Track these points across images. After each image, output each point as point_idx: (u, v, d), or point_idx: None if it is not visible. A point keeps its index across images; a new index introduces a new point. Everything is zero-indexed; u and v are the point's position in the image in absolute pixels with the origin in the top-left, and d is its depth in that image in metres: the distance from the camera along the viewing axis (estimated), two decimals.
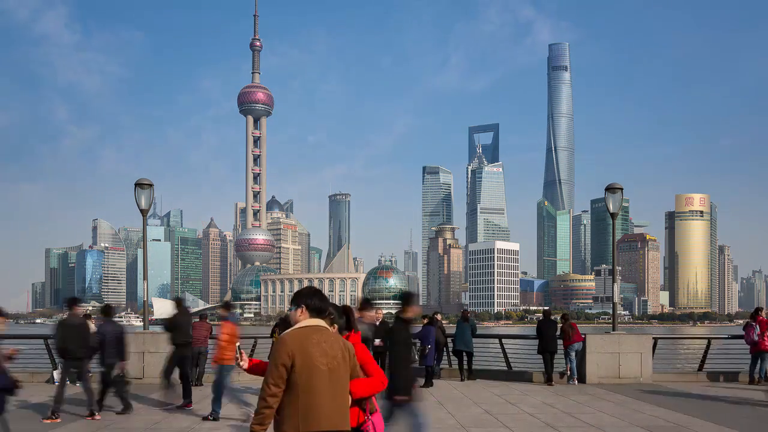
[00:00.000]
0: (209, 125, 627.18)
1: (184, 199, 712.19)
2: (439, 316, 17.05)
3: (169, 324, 12.26)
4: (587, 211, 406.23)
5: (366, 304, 10.27)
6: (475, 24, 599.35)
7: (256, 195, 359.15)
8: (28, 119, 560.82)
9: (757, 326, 15.07)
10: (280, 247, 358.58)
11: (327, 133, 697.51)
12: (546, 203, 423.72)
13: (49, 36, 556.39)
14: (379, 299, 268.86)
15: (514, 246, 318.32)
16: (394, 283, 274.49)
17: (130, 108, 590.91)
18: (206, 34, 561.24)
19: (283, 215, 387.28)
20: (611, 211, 16.81)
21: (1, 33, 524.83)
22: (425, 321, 15.78)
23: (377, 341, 11.19)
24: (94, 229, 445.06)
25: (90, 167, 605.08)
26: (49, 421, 10.32)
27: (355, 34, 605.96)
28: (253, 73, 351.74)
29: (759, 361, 15.17)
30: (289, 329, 3.91)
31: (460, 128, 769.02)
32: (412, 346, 8.18)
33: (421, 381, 14.30)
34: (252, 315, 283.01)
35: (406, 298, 7.64)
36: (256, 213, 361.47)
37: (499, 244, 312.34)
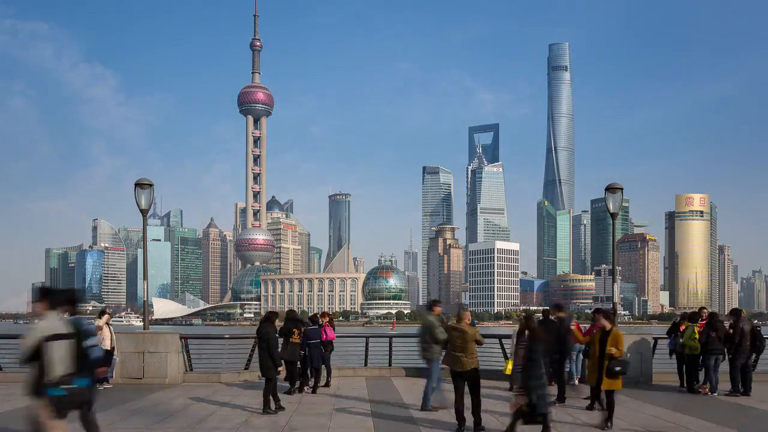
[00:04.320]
0: (221, 156, 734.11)
1: (184, 199, 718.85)
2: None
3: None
4: (587, 211, 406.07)
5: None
6: (430, 90, 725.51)
7: (256, 195, 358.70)
8: (68, 153, 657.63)
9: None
10: (280, 247, 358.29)
11: (323, 160, 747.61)
12: (546, 203, 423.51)
13: (96, 99, 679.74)
14: (379, 299, 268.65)
15: (514, 246, 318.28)
16: (394, 283, 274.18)
17: (156, 145, 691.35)
18: (220, 90, 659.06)
19: (283, 215, 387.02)
20: (611, 211, 16.78)
21: (57, 97, 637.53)
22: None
23: None
24: (94, 229, 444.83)
25: (115, 187, 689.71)
26: None
27: (335, 98, 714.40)
28: (253, 73, 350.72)
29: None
30: None
31: (460, 128, 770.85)
32: None
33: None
34: (252, 315, 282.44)
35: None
36: (256, 213, 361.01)
37: (499, 244, 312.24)
